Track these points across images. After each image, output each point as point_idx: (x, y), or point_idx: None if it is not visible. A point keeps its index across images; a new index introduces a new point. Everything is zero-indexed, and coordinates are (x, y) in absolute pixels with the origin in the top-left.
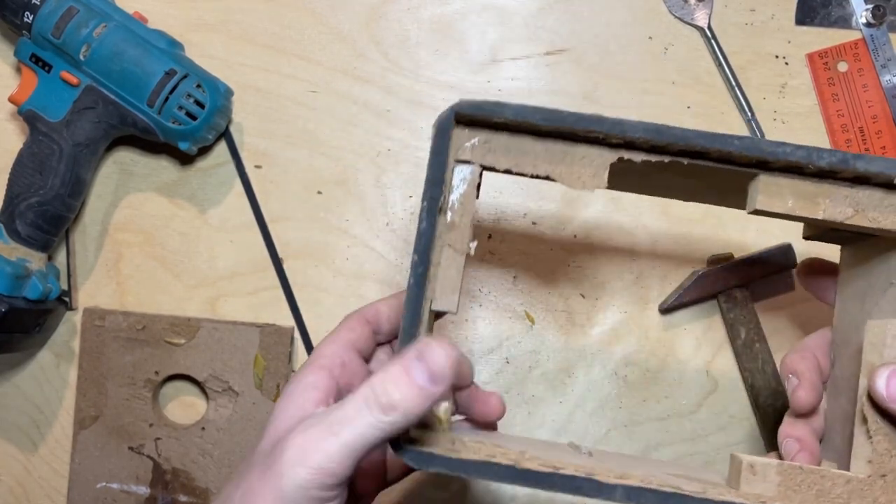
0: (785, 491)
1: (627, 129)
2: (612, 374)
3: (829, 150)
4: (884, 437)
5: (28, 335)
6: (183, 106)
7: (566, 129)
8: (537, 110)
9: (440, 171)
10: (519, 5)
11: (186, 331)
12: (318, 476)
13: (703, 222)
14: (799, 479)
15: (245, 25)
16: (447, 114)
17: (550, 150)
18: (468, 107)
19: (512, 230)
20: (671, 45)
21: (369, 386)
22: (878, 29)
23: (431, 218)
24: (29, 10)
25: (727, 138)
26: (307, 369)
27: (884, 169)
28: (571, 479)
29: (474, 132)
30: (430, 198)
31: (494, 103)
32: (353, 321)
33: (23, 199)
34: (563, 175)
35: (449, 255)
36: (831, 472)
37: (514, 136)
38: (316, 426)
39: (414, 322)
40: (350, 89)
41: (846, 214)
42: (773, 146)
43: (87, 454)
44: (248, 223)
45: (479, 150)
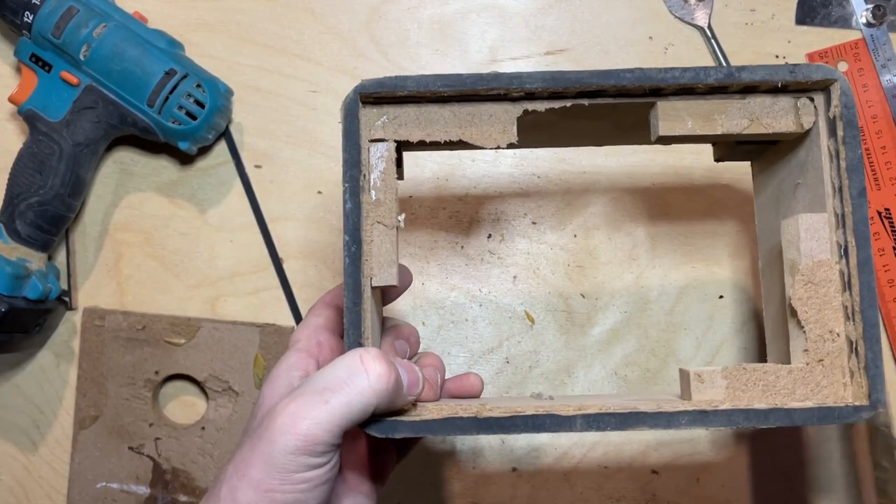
0: (734, 392)
1: (525, 80)
2: (612, 374)
3: (714, 68)
4: (814, 324)
5: (28, 335)
6: (183, 106)
7: (468, 90)
8: (437, 77)
9: (355, 151)
10: (519, 5)
11: (186, 331)
12: (307, 442)
13: (703, 222)
14: (744, 378)
15: (245, 25)
16: (351, 95)
17: (458, 114)
18: (371, 85)
19: (512, 230)
20: (671, 45)
21: (357, 355)
22: (878, 29)
23: (355, 198)
24: (29, 10)
25: (618, 73)
26: (287, 354)
27: (767, 76)
28: (533, 418)
29: (383, 110)
30: (350, 177)
31: (395, 77)
32: (317, 308)
33: (23, 198)
34: (473, 136)
35: (381, 232)
36: (774, 367)
37: (421, 106)
38: (305, 395)
39: (356, 299)
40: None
41: (742, 125)
42: (661, 72)
43: (87, 454)
44: (248, 223)
45: (390, 126)
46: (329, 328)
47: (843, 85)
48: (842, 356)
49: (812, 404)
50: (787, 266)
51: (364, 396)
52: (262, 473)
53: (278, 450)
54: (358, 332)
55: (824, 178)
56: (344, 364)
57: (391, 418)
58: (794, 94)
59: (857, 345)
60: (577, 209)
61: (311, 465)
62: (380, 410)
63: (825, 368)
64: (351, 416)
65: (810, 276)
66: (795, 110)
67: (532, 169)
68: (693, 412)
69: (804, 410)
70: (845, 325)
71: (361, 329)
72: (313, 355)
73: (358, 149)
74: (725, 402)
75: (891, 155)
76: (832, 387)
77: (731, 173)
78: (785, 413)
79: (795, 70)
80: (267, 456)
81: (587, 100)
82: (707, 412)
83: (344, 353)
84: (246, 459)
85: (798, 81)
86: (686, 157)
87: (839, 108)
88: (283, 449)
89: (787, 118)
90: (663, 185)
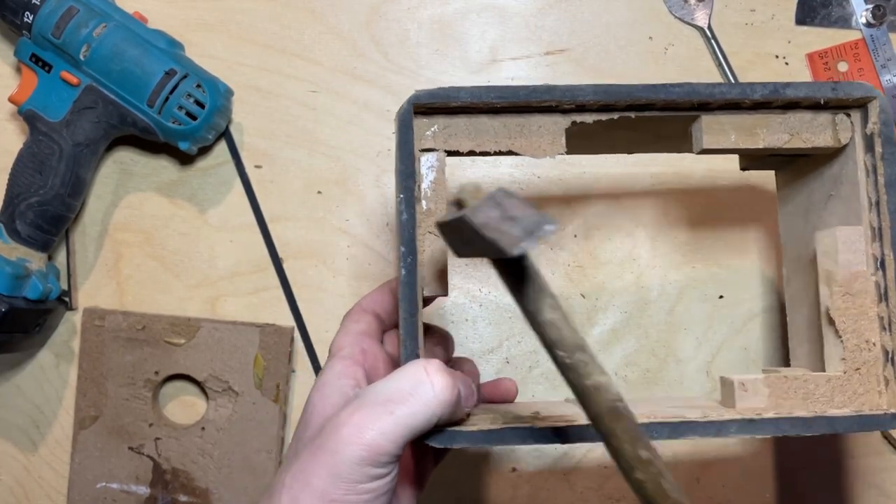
0: (776, 400)
1: (578, 93)
2: (613, 375)
3: (761, 84)
4: (852, 333)
5: (28, 335)
6: (183, 106)
7: (521, 102)
8: (491, 89)
9: (409, 162)
10: (519, 5)
11: (186, 331)
12: (371, 453)
13: (703, 222)
14: (785, 386)
15: (245, 25)
16: (405, 106)
17: (508, 125)
18: (425, 96)
19: None
20: (671, 45)
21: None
22: (878, 29)
23: (410, 208)
24: (29, 10)
25: (668, 87)
26: (332, 362)
27: (810, 93)
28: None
29: (433, 120)
30: (405, 188)
31: (449, 88)
32: (355, 314)
33: (23, 198)
34: (523, 147)
35: (432, 242)
36: (813, 375)
37: (471, 117)
38: (369, 405)
39: (412, 311)
40: (350, 89)
41: (783, 140)
42: (709, 87)
43: (87, 454)
44: (248, 223)
45: (440, 136)
46: (370, 334)
47: (882, 102)
48: (877, 365)
49: (850, 412)
50: (823, 276)
51: (429, 408)
52: (326, 483)
53: (343, 460)
54: (415, 343)
55: (860, 192)
56: (408, 375)
57: (450, 429)
58: (832, 111)
59: (892, 354)
60: (577, 209)
61: (374, 476)
62: (441, 422)
63: (862, 377)
64: (415, 427)
65: (848, 287)
66: (833, 126)
67: (532, 169)
68: (741, 420)
69: (845, 418)
70: (881, 334)
71: (417, 339)
72: (359, 363)
73: (412, 159)
74: (768, 409)
75: None
76: (868, 395)
77: (729, 174)
78: (827, 421)
79: (837, 87)
80: (331, 466)
81: (635, 112)
82: (755, 420)
83: (400, 363)
84: (307, 469)
85: (839, 98)
86: (685, 157)
87: (878, 125)
88: (348, 459)
89: (826, 133)
90: (663, 185)
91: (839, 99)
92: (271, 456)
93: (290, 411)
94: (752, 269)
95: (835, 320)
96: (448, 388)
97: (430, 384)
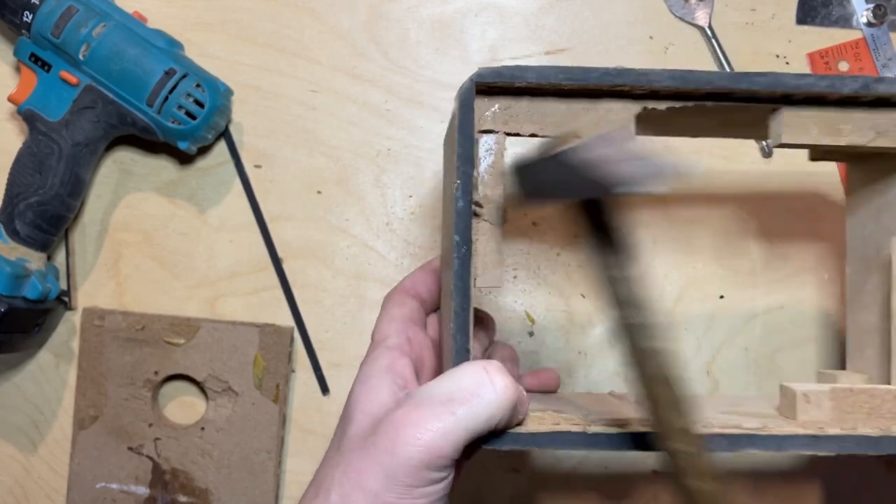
0: (840, 414)
1: (653, 78)
2: (613, 375)
3: (851, 77)
4: None
5: (27, 335)
6: (182, 105)
7: (591, 85)
8: (560, 70)
9: (469, 145)
10: (519, 5)
11: (186, 331)
12: (431, 455)
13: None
14: (850, 400)
15: (245, 25)
16: (468, 84)
17: (573, 108)
18: (489, 74)
19: (512, 230)
20: (672, 45)
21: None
22: (878, 28)
23: (467, 196)
24: (28, 10)
25: (751, 77)
26: (378, 352)
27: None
28: (641, 436)
29: (494, 100)
30: (464, 174)
31: (515, 67)
32: (398, 296)
33: (22, 198)
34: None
35: (486, 230)
36: (880, 390)
37: (535, 99)
38: (428, 405)
39: (465, 304)
40: (350, 89)
41: (868, 137)
42: (796, 79)
43: (87, 454)
44: (247, 223)
45: (500, 117)
46: (415, 320)
47: None
48: None
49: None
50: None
51: (490, 409)
52: (380, 485)
53: (400, 462)
54: (465, 339)
55: None
56: (468, 374)
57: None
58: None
59: None
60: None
61: (432, 480)
62: (500, 425)
63: None
64: (476, 429)
65: None
66: None
67: None
68: (805, 437)
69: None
70: None
71: (468, 334)
72: (406, 353)
73: (472, 142)
74: (832, 424)
75: None
76: None
77: (730, 173)
78: (893, 441)
79: None
80: (386, 467)
81: (713, 102)
82: (819, 437)
83: (450, 358)
84: (360, 468)
85: None
86: (686, 157)
87: None
88: (405, 461)
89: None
90: None
91: None
92: (271, 456)
93: (289, 411)
94: (752, 268)
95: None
96: (510, 389)
97: (491, 385)
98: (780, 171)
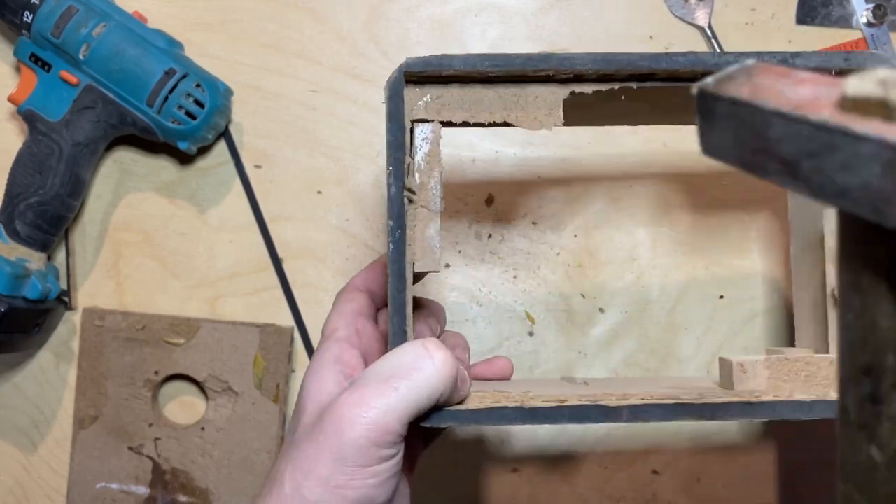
0: (776, 382)
1: (576, 61)
2: (612, 374)
3: (770, 52)
4: None
5: (27, 335)
6: (182, 105)
7: (516, 71)
8: (485, 57)
9: (399, 133)
10: (519, 5)
11: (186, 331)
12: (378, 432)
13: (703, 221)
14: (786, 368)
15: (245, 25)
16: (396, 74)
17: (503, 95)
18: (417, 63)
19: (512, 230)
20: (672, 45)
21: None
22: (878, 28)
23: (399, 181)
24: (28, 10)
25: (671, 56)
26: (327, 345)
27: (821, 62)
28: (579, 408)
29: (426, 89)
30: (395, 160)
31: (442, 56)
32: (348, 292)
33: (22, 198)
34: (519, 118)
35: (424, 216)
36: (815, 357)
37: (465, 87)
38: (370, 384)
39: (400, 287)
40: (350, 89)
41: None
42: (716, 57)
43: (87, 454)
44: (247, 223)
45: (433, 105)
46: (364, 314)
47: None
48: None
49: None
50: (830, 255)
51: (431, 382)
52: (330, 469)
53: (347, 442)
54: (403, 320)
55: None
56: (408, 352)
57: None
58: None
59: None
60: (577, 209)
61: (381, 458)
62: (442, 400)
63: None
64: (420, 402)
65: None
66: None
67: (532, 169)
68: (739, 403)
69: None
70: None
71: (405, 316)
72: (354, 345)
73: (402, 130)
74: (768, 392)
75: None
76: None
77: (732, 174)
78: (828, 404)
79: (849, 57)
80: (335, 450)
81: (636, 83)
82: (753, 403)
83: (389, 339)
84: (309, 456)
85: (851, 69)
86: (686, 157)
87: None
88: (353, 441)
89: None
90: (664, 185)
91: (851, 70)
92: (271, 456)
93: (289, 411)
94: (752, 268)
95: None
96: (449, 362)
97: (430, 358)
98: None
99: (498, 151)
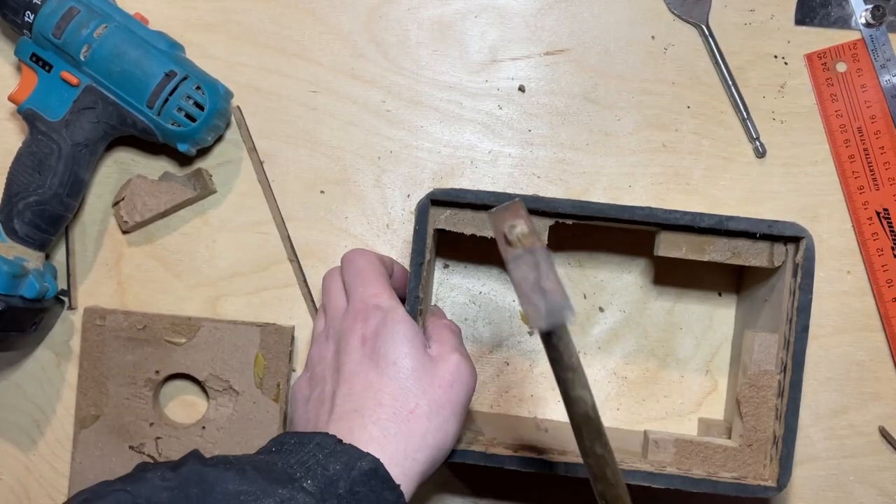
0: (680, 458)
1: (558, 206)
2: (612, 374)
3: (708, 215)
4: (751, 417)
5: (24, 334)
6: (182, 108)
7: None
8: (491, 194)
9: (422, 243)
10: (519, 5)
11: (187, 330)
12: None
13: None
14: (690, 449)
15: (245, 25)
16: (424, 200)
17: None
18: (440, 194)
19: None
20: (671, 45)
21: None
22: (877, 29)
23: (417, 279)
24: (30, 10)
25: (632, 209)
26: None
27: (749, 227)
28: (529, 461)
29: (445, 209)
30: (417, 264)
31: (459, 190)
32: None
33: (21, 198)
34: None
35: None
36: (714, 443)
37: (475, 211)
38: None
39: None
40: (350, 89)
41: (726, 256)
42: (666, 214)
43: (88, 453)
44: (248, 223)
45: (450, 220)
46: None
47: (809, 242)
48: (767, 444)
49: (734, 477)
50: (742, 367)
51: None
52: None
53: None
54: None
55: (783, 307)
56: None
57: (458, 449)
58: (771, 240)
59: (778, 440)
60: None
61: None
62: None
63: (753, 451)
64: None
65: (755, 381)
66: (770, 250)
67: (532, 169)
68: (644, 472)
69: (727, 483)
70: (774, 422)
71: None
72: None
73: (425, 239)
74: (672, 464)
75: (889, 155)
76: (755, 465)
77: (730, 175)
78: (711, 484)
79: (773, 225)
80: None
81: (605, 223)
82: (654, 474)
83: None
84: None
85: (773, 235)
86: (685, 157)
87: (801, 259)
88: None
89: (762, 256)
90: (663, 185)
91: (773, 235)
92: None
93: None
94: None
95: (741, 404)
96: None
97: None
98: (776, 171)
99: (497, 152)
